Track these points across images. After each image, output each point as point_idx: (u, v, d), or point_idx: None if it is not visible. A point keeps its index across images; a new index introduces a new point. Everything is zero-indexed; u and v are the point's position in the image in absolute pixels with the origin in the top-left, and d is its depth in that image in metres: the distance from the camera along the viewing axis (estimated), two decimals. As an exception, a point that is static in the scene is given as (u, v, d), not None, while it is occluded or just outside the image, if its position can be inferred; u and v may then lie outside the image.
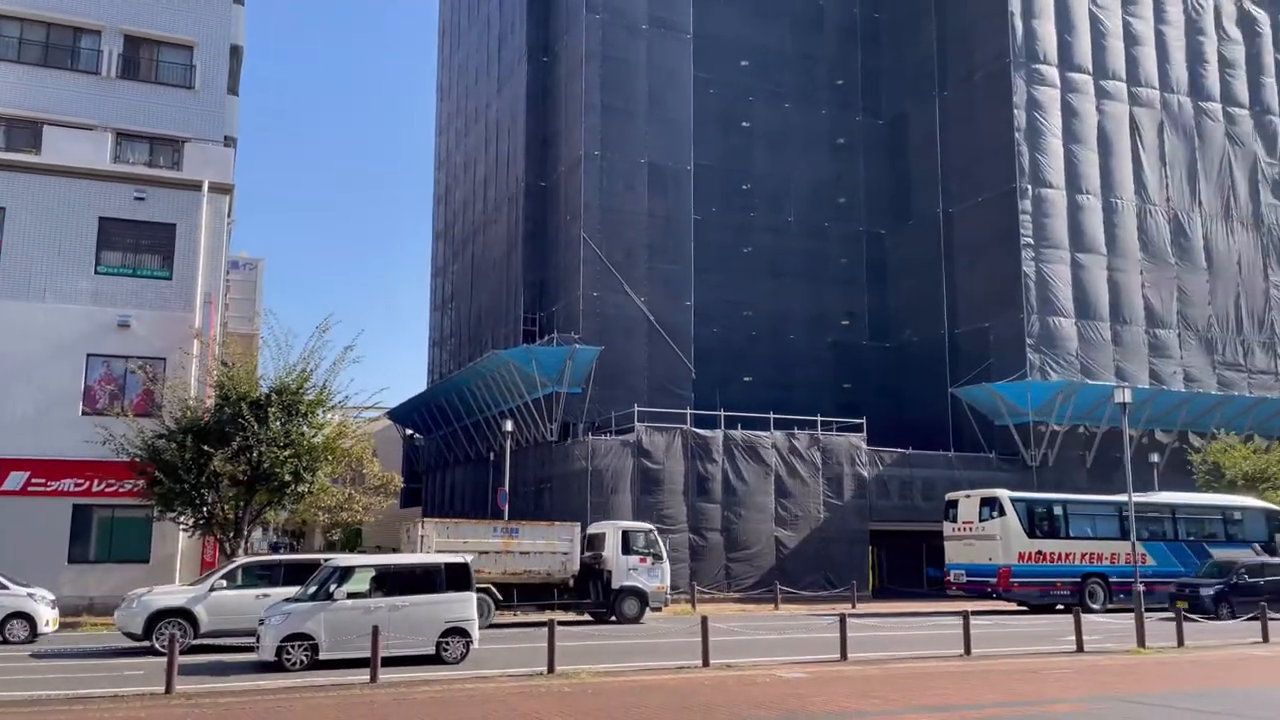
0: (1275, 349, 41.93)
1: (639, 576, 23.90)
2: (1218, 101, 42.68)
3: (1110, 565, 27.94)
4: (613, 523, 25.77)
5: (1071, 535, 28.13)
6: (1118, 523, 28.35)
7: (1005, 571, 26.69)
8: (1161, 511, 29.84)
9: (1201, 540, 29.92)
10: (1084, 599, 26.97)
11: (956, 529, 28.96)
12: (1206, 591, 25.26)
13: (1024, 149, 37.51)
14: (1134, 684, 13.57)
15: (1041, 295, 36.96)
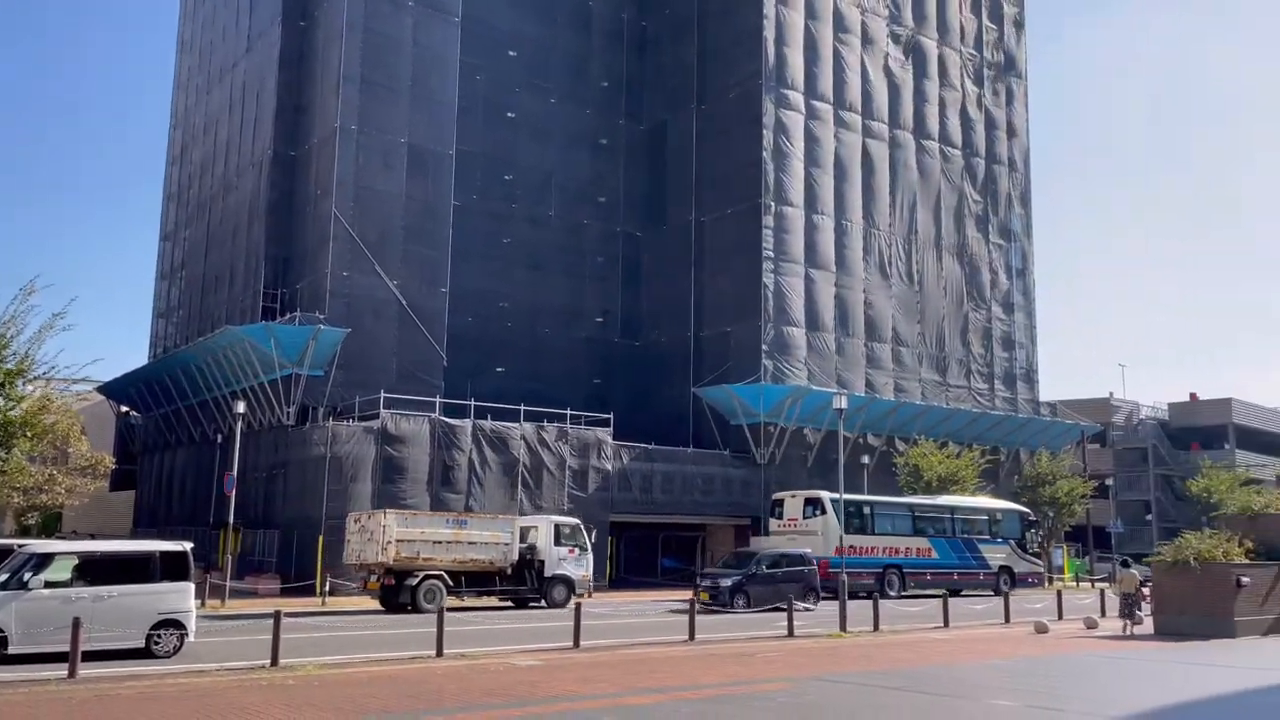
0: (969, 367, 47.24)
1: (568, 566, 26.10)
2: (936, 141, 47.46)
3: (904, 558, 31.86)
4: (546, 517, 27.72)
5: (876, 532, 31.67)
6: (910, 522, 32.76)
7: (825, 563, 28.82)
8: (942, 512, 34.11)
9: (972, 537, 34.53)
10: (883, 587, 30.07)
11: (782, 525, 32.06)
12: (725, 583, 25.00)
13: (770, 167, 40.00)
14: (835, 664, 14.93)
15: (778, 305, 39.59)
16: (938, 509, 34.30)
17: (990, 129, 50.29)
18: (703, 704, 11.05)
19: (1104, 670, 14.86)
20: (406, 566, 23.25)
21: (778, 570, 25.93)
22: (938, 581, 31.36)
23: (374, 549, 23.31)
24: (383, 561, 23.11)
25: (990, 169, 49.97)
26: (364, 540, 23.75)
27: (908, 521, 32.94)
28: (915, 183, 46.19)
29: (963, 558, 33.38)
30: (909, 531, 32.53)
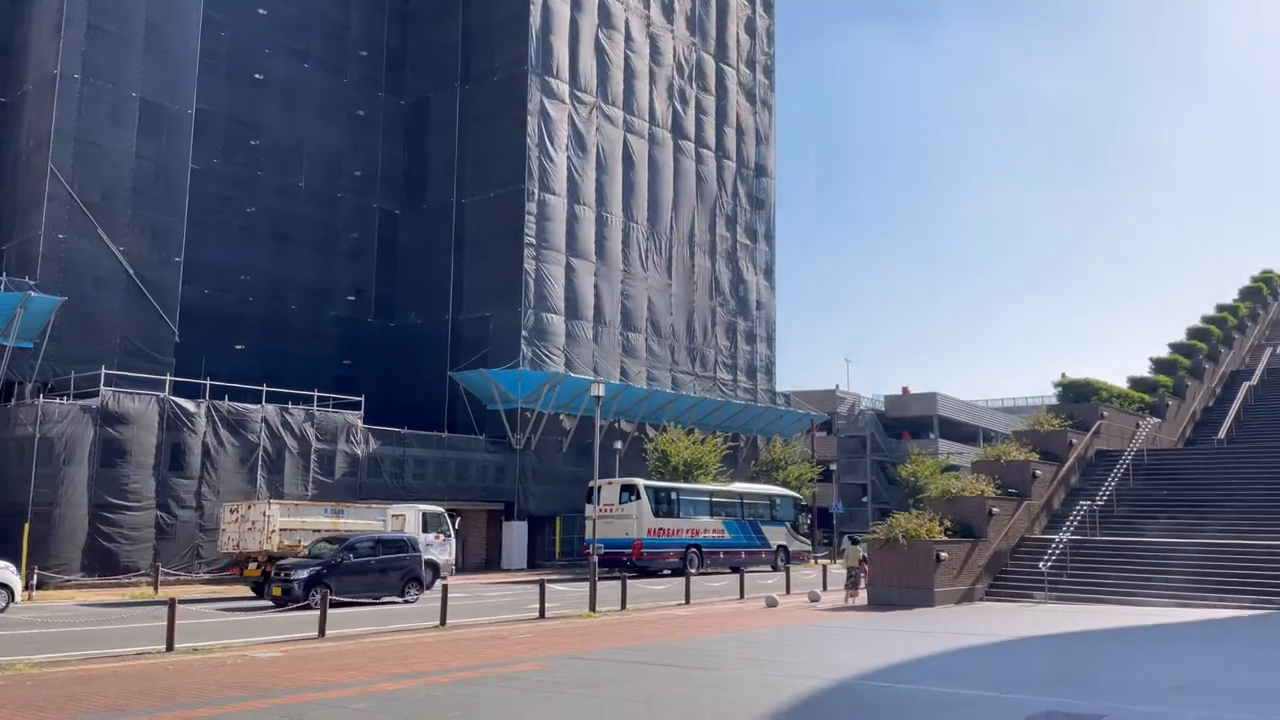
0: (716, 358, 49.82)
1: (434, 551, 27.20)
2: (693, 142, 49.52)
3: (703, 538, 35.19)
4: (414, 505, 28.96)
5: (680, 515, 34.84)
6: (709, 506, 36.26)
7: (638, 544, 32.46)
8: (734, 498, 37.82)
9: (757, 520, 38.23)
10: (685, 564, 32.34)
11: (598, 510, 32.93)
12: (299, 575, 21.15)
13: (534, 154, 40.18)
14: (585, 643, 15.43)
15: (538, 292, 39.90)
16: (730, 495, 37.97)
17: (741, 135, 53.11)
18: (457, 686, 11.13)
19: (825, 638, 16.36)
20: (288, 554, 23.66)
21: (372, 559, 22.78)
22: (730, 560, 35.16)
23: (255, 538, 24.06)
24: (266, 550, 23.87)
25: (741, 171, 52.79)
26: (243, 529, 24.39)
27: (706, 506, 36.27)
28: (673, 181, 47.98)
29: (749, 538, 37.18)
30: (707, 514, 35.98)
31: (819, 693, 10.64)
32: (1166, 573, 22.49)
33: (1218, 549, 23.05)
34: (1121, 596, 21.86)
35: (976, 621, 18.79)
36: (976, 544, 23.69)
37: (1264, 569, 21.82)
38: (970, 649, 14.87)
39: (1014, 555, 24.89)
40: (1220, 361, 40.26)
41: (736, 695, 10.53)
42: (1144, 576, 22.67)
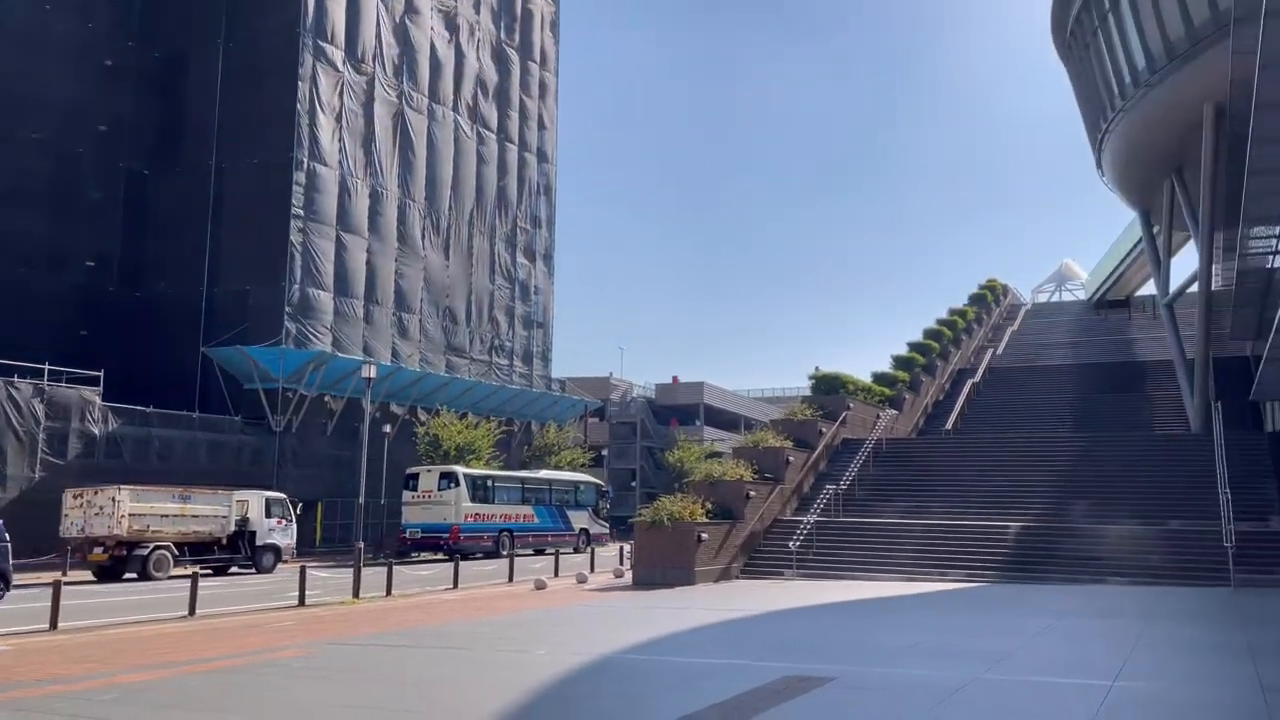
0: (492, 342, 49.62)
1: (276, 535, 28.67)
2: (474, 122, 48.94)
3: (515, 523, 36.77)
4: (257, 492, 29.42)
5: (495, 501, 36.29)
6: (521, 493, 37.84)
7: (456, 529, 34.10)
8: (542, 485, 39.72)
9: (563, 505, 40.04)
10: (498, 548, 34.82)
11: (416, 496, 35.29)
12: None
13: (304, 122, 38.33)
14: (349, 628, 15.09)
15: (305, 266, 38.15)
16: (540, 482, 39.88)
17: (524, 119, 53.04)
18: (214, 675, 10.63)
19: (591, 617, 16.85)
20: (137, 538, 25.07)
21: None
22: (538, 543, 37.20)
23: (104, 522, 24.73)
24: (116, 534, 24.71)
25: (522, 156, 52.73)
26: (90, 514, 24.90)
27: (518, 493, 37.89)
28: (454, 160, 47.24)
29: (555, 522, 39.18)
30: (519, 501, 37.60)
31: (582, 667, 11.03)
32: (898, 550, 24.81)
33: (941, 529, 25.66)
34: (860, 572, 23.88)
35: (731, 597, 19.95)
36: (735, 525, 25.10)
37: (978, 546, 24.52)
38: (725, 623, 15.82)
39: (767, 535, 26.56)
40: (950, 360, 44.63)
41: (505, 674, 10.72)
42: (879, 554, 24.87)
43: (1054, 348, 49.91)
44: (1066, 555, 23.38)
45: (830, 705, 8.91)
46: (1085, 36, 34.49)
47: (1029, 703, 9.03)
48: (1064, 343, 51.11)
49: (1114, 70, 32.69)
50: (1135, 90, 31.67)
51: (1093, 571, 22.31)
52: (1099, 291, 61.32)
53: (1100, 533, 23.90)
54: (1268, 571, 21.43)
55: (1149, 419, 36.74)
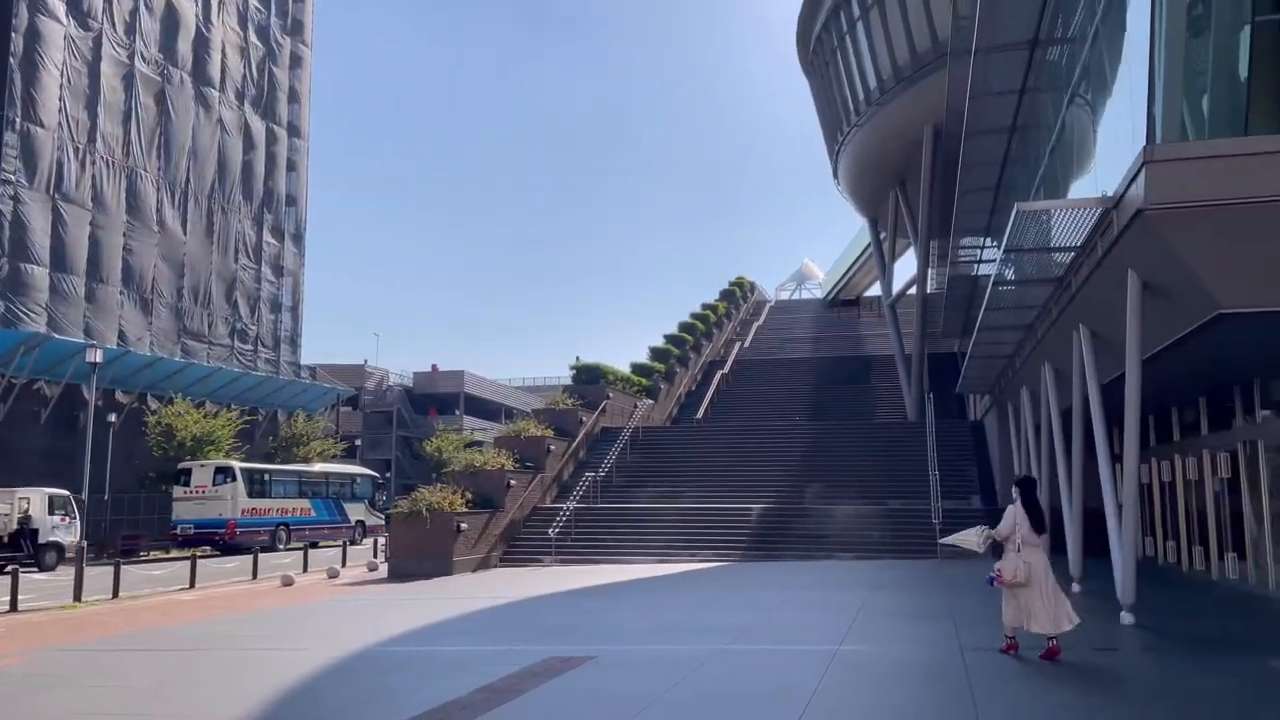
0: (235, 326, 46.61)
1: (59, 533, 27.87)
2: (217, 90, 45.67)
3: (292, 517, 36.31)
4: (39, 489, 28.00)
5: (273, 495, 35.69)
6: (298, 486, 37.24)
7: (232, 523, 33.59)
8: (319, 478, 39.09)
9: (340, 498, 39.40)
10: (275, 542, 34.49)
11: (189, 492, 34.27)
12: None
13: (17, 78, 34.37)
14: (75, 634, 13.85)
15: (15, 239, 34.27)
16: (317, 475, 39.31)
17: (274, 90, 50.13)
18: (-97, 696, 9.46)
19: (344, 611, 16.40)
20: None
21: None
22: (315, 535, 36.39)
23: None
24: None
25: (271, 130, 49.83)
26: None
27: (295, 486, 37.32)
28: (193, 130, 43.89)
29: (333, 515, 38.89)
30: (296, 495, 37.08)
31: (336, 662, 10.79)
32: (653, 533, 25.85)
33: (692, 512, 26.98)
34: (618, 555, 24.68)
35: (491, 586, 20.06)
36: (495, 514, 25.18)
37: (725, 528, 26.02)
38: (486, 610, 15.92)
39: (527, 523, 26.84)
40: (702, 352, 46.83)
41: (250, 674, 10.29)
42: (635, 537, 25.81)
43: (795, 342, 53.55)
44: (802, 534, 25.30)
45: (591, 681, 9.29)
46: (826, 55, 37.24)
47: (764, 669, 9.82)
48: (803, 338, 54.95)
49: (850, 88, 35.55)
50: (868, 108, 34.62)
51: (825, 548, 24.30)
52: (833, 291, 66.43)
53: (831, 513, 26.04)
54: (968, 543, 24.22)
55: (874, 408, 40.32)
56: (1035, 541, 9.66)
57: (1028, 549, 9.62)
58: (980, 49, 17.70)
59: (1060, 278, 14.26)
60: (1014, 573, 9.53)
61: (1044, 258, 13.93)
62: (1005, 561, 9.69)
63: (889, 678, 9.32)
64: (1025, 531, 9.65)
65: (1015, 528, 9.71)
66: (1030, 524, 9.67)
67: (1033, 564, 9.53)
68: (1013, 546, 9.69)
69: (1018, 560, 9.57)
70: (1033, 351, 18.55)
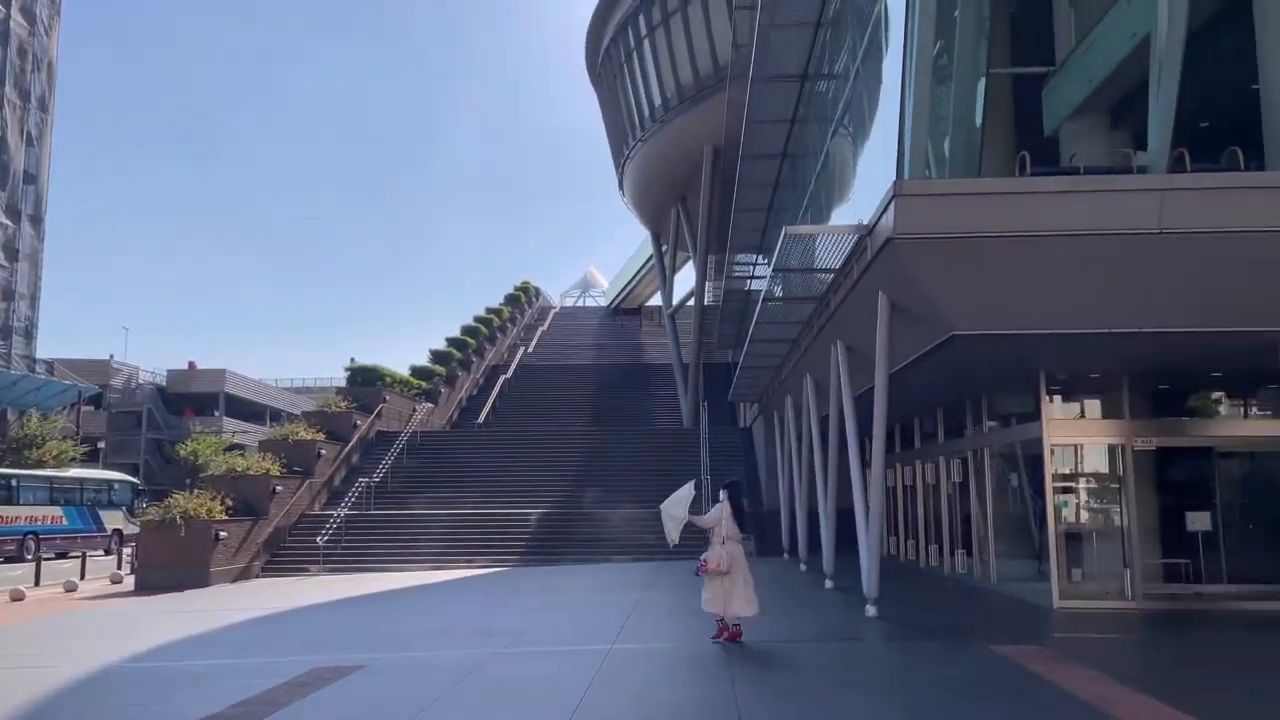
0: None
1: None
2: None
3: (42, 525, 33.37)
4: None
5: (20, 502, 32.60)
6: (49, 493, 34.31)
7: None
8: (73, 484, 36.08)
9: (95, 505, 36.72)
10: (23, 552, 31.71)
11: None
12: None
13: None
14: None
15: None
16: (70, 481, 36.31)
17: (19, 55, 45.30)
18: None
19: (89, 626, 15.05)
20: None
21: None
22: (68, 545, 34.11)
23: None
24: None
25: (5, 97, 44.97)
26: None
27: (46, 493, 34.67)
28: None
29: (87, 523, 35.97)
30: (47, 501, 34.36)
31: (74, 681, 9.93)
32: (429, 540, 25.40)
33: (470, 518, 26.74)
34: (390, 563, 24.06)
35: (252, 597, 19.03)
36: (258, 522, 23.91)
37: (504, 533, 25.97)
38: (246, 622, 15.10)
39: (294, 531, 25.66)
40: (485, 356, 46.50)
41: (-27, 698, 9.28)
42: (410, 544, 25.26)
43: (578, 349, 54.22)
44: (581, 538, 25.68)
45: (358, 690, 9.06)
46: (614, 68, 38.10)
47: (538, 671, 9.95)
48: (586, 345, 55.75)
49: (636, 102, 36.55)
50: (653, 124, 35.71)
51: (602, 551, 24.78)
52: (617, 299, 67.86)
53: (608, 517, 26.59)
54: (735, 545, 25.46)
55: (652, 415, 41.52)
56: (737, 536, 11.04)
57: (730, 542, 10.93)
58: (756, 78, 18.77)
59: (822, 296, 15.34)
60: (718, 562, 10.79)
61: (808, 277, 14.97)
62: (711, 552, 10.93)
63: (658, 673, 9.69)
64: (730, 527, 10.97)
65: (721, 523, 10.98)
66: (735, 521, 11.02)
67: (734, 555, 10.88)
68: (718, 539, 10.94)
69: (722, 551, 10.85)
70: (797, 364, 19.80)
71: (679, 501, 11.16)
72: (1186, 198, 9.81)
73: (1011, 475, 15.82)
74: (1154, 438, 13.71)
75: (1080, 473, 14.48)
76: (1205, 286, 10.27)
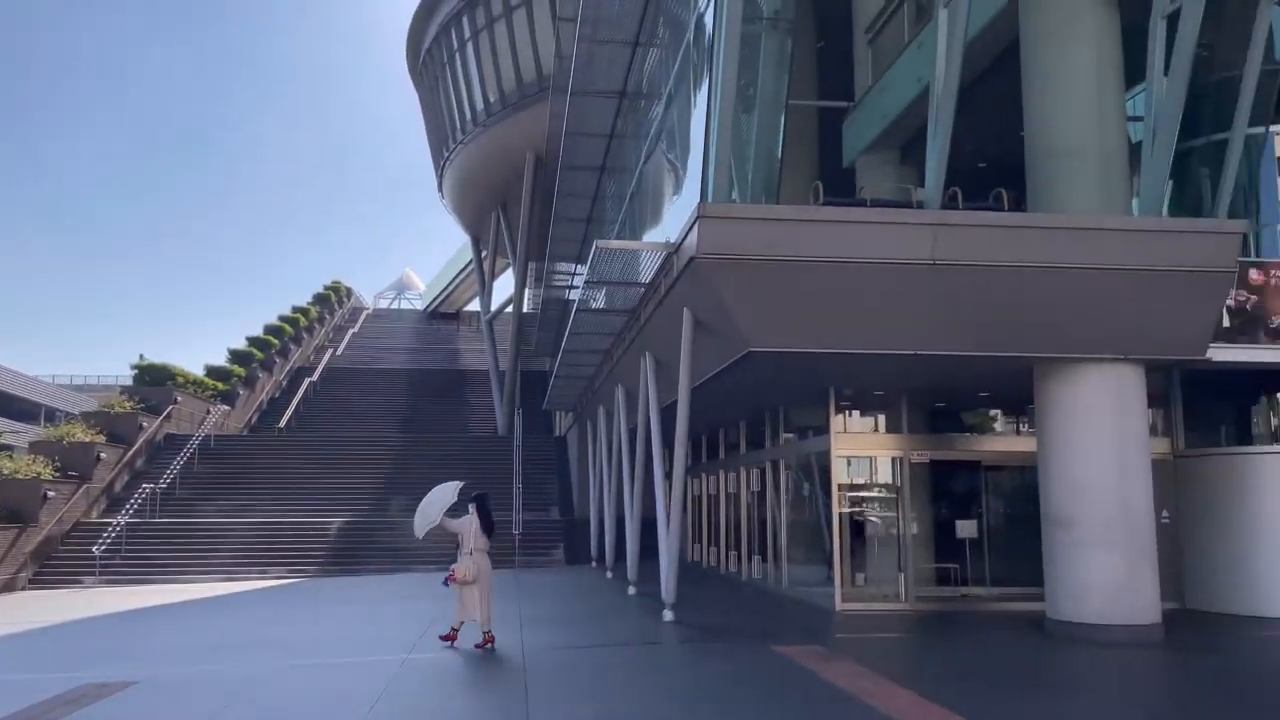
0: None
1: None
2: None
3: None
4: None
5: None
6: None
7: None
8: None
9: None
10: None
11: None
12: None
13: None
14: None
15: None
16: None
17: None
18: None
19: None
20: None
21: None
22: None
23: None
24: None
25: None
26: None
27: None
28: None
29: None
30: None
31: None
32: (220, 550, 24.09)
33: (267, 526, 25.55)
34: (178, 575, 22.66)
35: (15, 610, 17.50)
36: (25, 530, 22.04)
37: (303, 542, 24.98)
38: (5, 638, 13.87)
39: (67, 540, 23.77)
40: (290, 357, 44.54)
41: None
42: (200, 555, 23.88)
43: (391, 352, 52.79)
44: (384, 547, 25.04)
45: (129, 708, 8.54)
46: (436, 68, 37.52)
47: (327, 683, 9.68)
48: (401, 348, 54.37)
49: (458, 105, 36.12)
50: (474, 128, 35.39)
51: (406, 561, 24.24)
52: (434, 302, 66.60)
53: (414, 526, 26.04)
54: (545, 554, 25.56)
55: (466, 422, 40.98)
56: (484, 547, 11.36)
57: (478, 553, 11.27)
58: (577, 90, 19.05)
59: (633, 309, 15.72)
60: (465, 572, 11.12)
61: (620, 290, 15.31)
62: (459, 564, 11.23)
63: (452, 682, 9.65)
64: (479, 539, 11.30)
65: (470, 534, 11.27)
66: (483, 533, 11.33)
67: (481, 565, 11.23)
68: (466, 550, 11.24)
69: (470, 562, 11.16)
70: (609, 374, 20.15)
71: (436, 503, 11.41)
72: (957, 233, 10.73)
73: (805, 485, 16.70)
74: (928, 451, 14.84)
75: (864, 483, 15.49)
76: (972, 314, 11.25)
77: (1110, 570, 11.34)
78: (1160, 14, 11.09)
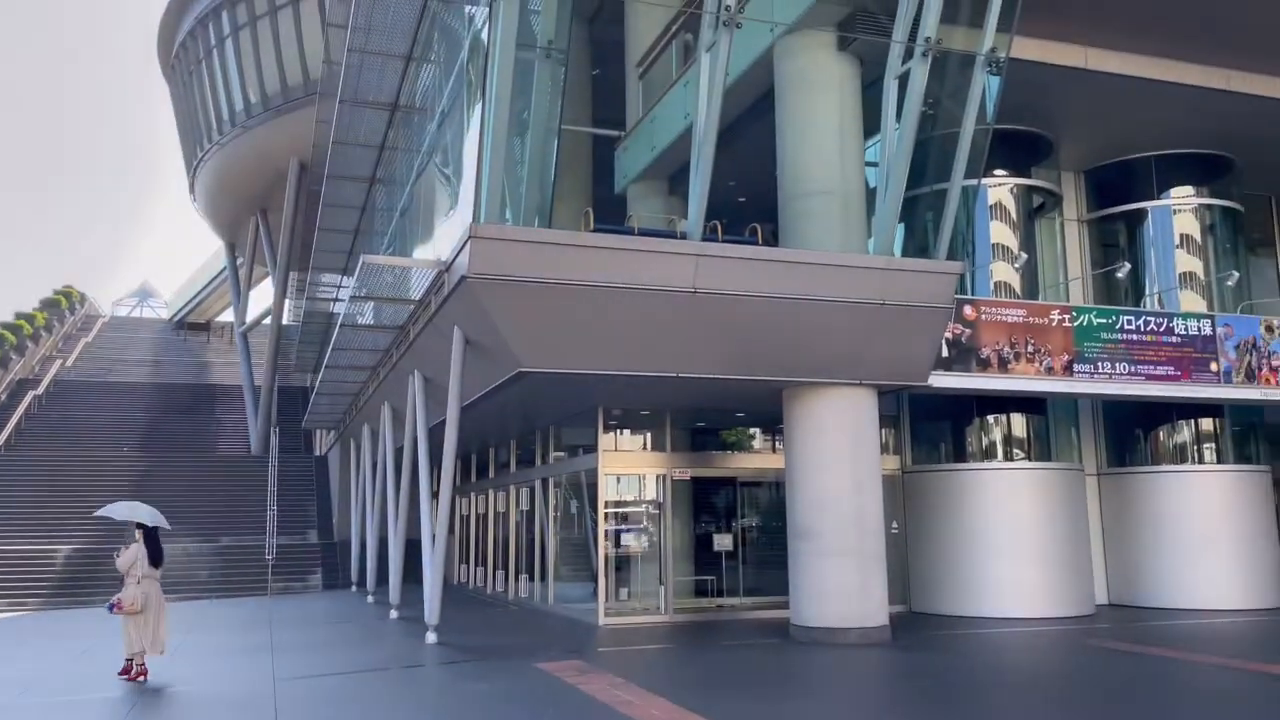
0: None
1: None
2: None
3: None
4: None
5: None
6: None
7: None
8: None
9: None
10: None
11: None
12: None
13: None
14: None
15: None
16: None
17: None
18: None
19: None
20: None
21: None
22: None
23: None
24: None
25: None
26: None
27: None
28: None
29: None
30: None
31: None
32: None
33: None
34: None
35: None
36: None
37: (23, 573, 22.51)
38: None
39: None
40: (11, 369, 40.05)
41: None
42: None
43: (131, 364, 48.60)
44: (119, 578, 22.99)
45: None
46: (190, 64, 35.21)
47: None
48: (142, 360, 50.17)
49: (215, 105, 34.03)
50: (232, 129, 33.46)
51: (144, 590, 22.40)
52: (182, 312, 61.99)
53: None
54: (301, 579, 24.43)
55: (216, 440, 38.40)
56: (154, 574, 11.04)
57: (146, 580, 10.92)
58: (346, 98, 18.53)
59: (402, 326, 15.45)
60: (132, 601, 10.73)
61: (389, 306, 15.01)
62: (126, 592, 10.84)
63: (198, 714, 9.09)
64: (145, 567, 10.96)
65: (137, 563, 10.94)
66: (150, 560, 11.03)
67: (150, 594, 10.90)
68: (133, 579, 10.87)
69: (137, 591, 10.79)
70: (375, 392, 19.63)
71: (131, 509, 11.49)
72: (715, 264, 11.40)
73: (574, 503, 17.00)
74: (689, 469, 15.56)
75: (630, 500, 15.99)
76: (728, 340, 11.96)
77: (846, 577, 12.36)
78: (893, 74, 12.31)
